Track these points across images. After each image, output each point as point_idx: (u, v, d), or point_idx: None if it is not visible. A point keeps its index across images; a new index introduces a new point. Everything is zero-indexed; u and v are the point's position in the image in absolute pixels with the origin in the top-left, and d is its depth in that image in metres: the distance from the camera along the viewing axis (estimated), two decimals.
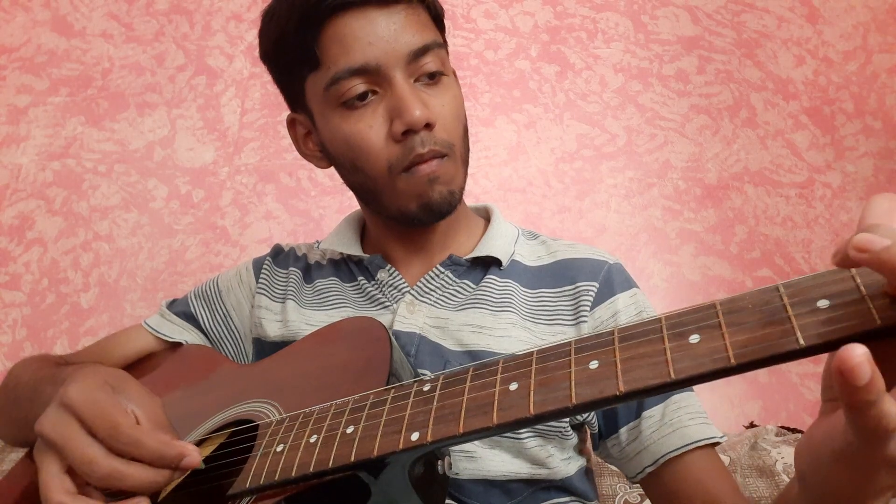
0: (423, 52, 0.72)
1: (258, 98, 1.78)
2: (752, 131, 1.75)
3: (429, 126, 0.72)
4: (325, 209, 1.67)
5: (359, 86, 0.72)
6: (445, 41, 0.80)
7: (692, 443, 0.71)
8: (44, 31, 1.81)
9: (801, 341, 0.34)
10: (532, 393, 0.42)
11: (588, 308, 0.78)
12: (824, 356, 0.36)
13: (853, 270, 0.35)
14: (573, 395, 0.40)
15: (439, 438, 0.44)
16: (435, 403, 0.47)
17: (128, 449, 0.52)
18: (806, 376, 1.49)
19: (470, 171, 1.63)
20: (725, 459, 1.14)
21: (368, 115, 0.73)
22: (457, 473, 0.69)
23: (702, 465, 0.72)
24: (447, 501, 0.68)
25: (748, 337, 0.36)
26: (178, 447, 0.54)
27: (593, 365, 0.41)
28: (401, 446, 0.46)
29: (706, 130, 1.75)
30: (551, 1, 1.89)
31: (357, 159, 0.76)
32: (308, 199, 1.68)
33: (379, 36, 0.71)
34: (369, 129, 0.73)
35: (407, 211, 0.76)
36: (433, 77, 0.74)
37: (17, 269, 1.60)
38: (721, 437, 0.73)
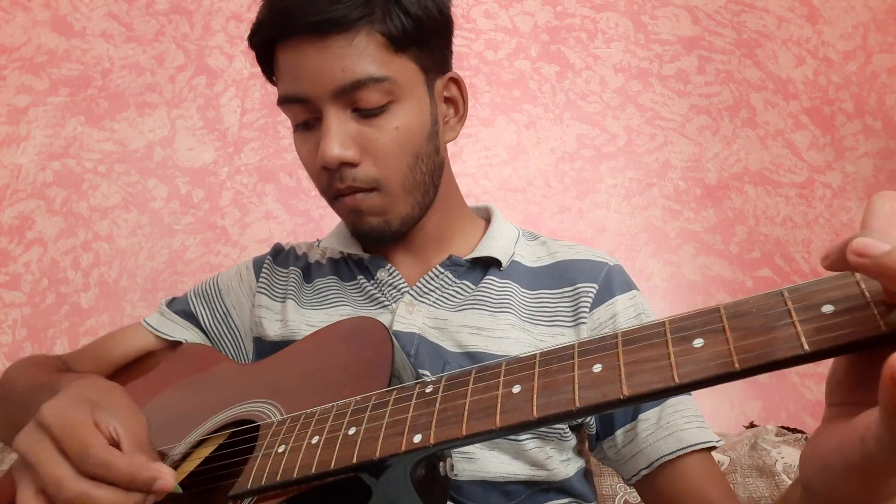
0: (353, 87, 0.69)
1: (258, 98, 1.78)
2: (752, 131, 1.75)
3: (350, 164, 0.72)
4: (325, 209, 1.67)
5: (300, 113, 0.74)
6: (424, 51, 0.75)
7: (688, 446, 0.71)
8: (44, 31, 1.80)
9: (806, 347, 0.34)
10: (535, 396, 0.42)
11: (587, 310, 0.78)
12: None
13: (857, 276, 0.35)
14: (577, 398, 0.40)
15: (442, 441, 0.44)
16: (437, 406, 0.47)
17: (97, 471, 0.50)
18: (806, 376, 1.49)
19: (470, 171, 1.66)
20: (725, 459, 1.14)
21: (310, 140, 0.75)
22: (456, 475, 0.69)
23: (696, 469, 0.71)
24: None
25: (752, 342, 0.36)
26: (152, 470, 0.51)
27: (597, 368, 0.40)
28: (403, 448, 0.46)
29: (706, 130, 1.75)
30: (551, 1, 1.88)
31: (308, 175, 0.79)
32: (308, 199, 1.68)
33: (307, 69, 0.70)
34: (308, 154, 0.75)
35: (350, 230, 0.80)
36: (372, 111, 0.72)
37: (17, 269, 1.60)
38: (717, 441, 0.73)
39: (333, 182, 0.73)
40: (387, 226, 0.76)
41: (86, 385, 0.59)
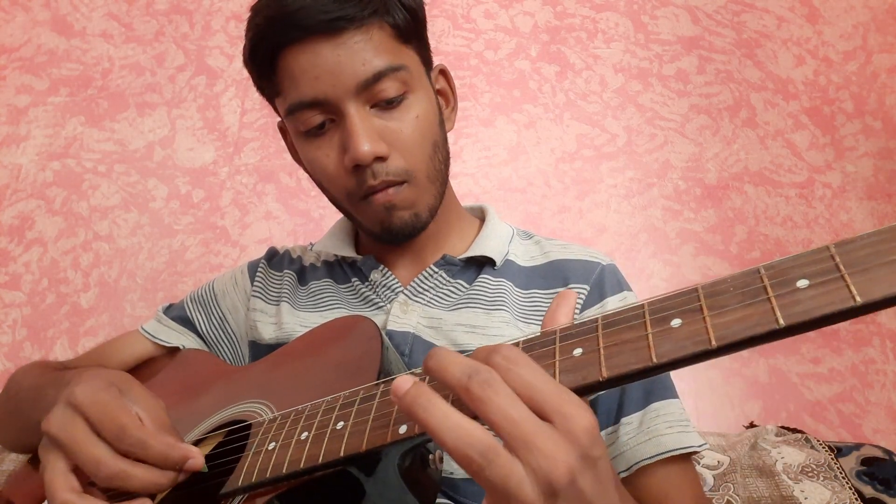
0: (375, 79, 0.70)
1: (258, 98, 1.75)
2: (752, 131, 1.74)
3: (381, 158, 0.71)
4: (325, 209, 1.67)
5: (315, 117, 0.72)
6: (420, 43, 0.77)
7: (665, 452, 0.71)
8: (44, 31, 1.81)
9: (781, 321, 0.34)
10: None
11: (578, 311, 0.78)
12: (826, 354, 0.36)
13: (832, 249, 0.35)
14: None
15: None
16: None
17: (133, 450, 0.52)
18: (806, 376, 1.48)
19: (470, 171, 1.66)
20: (725, 459, 1.13)
21: (326, 144, 0.74)
22: (451, 473, 0.69)
23: (671, 475, 0.71)
24: (442, 501, 0.68)
25: (729, 319, 0.36)
26: (183, 449, 0.54)
27: (577, 352, 0.41)
28: (389, 439, 0.46)
29: (706, 130, 1.74)
30: (551, 1, 1.88)
31: (322, 182, 0.78)
32: (308, 199, 1.68)
33: (325, 69, 0.69)
34: (327, 158, 0.74)
35: (373, 232, 0.79)
36: (392, 102, 0.72)
37: (17, 269, 1.60)
38: (699, 446, 0.72)
39: (365, 180, 0.72)
40: (416, 219, 0.76)
41: (105, 373, 0.61)
